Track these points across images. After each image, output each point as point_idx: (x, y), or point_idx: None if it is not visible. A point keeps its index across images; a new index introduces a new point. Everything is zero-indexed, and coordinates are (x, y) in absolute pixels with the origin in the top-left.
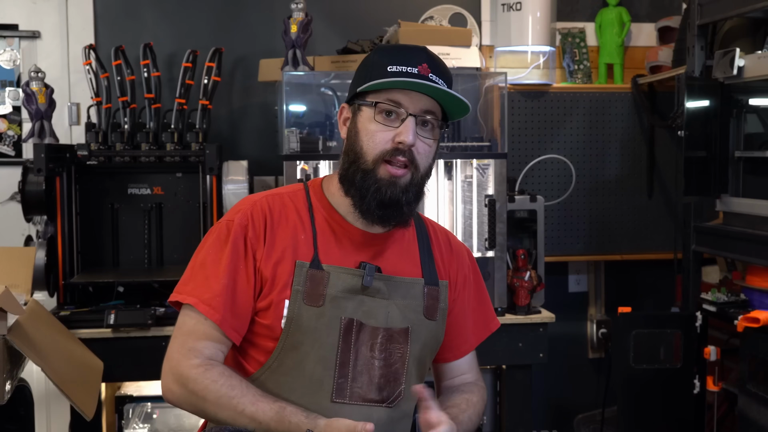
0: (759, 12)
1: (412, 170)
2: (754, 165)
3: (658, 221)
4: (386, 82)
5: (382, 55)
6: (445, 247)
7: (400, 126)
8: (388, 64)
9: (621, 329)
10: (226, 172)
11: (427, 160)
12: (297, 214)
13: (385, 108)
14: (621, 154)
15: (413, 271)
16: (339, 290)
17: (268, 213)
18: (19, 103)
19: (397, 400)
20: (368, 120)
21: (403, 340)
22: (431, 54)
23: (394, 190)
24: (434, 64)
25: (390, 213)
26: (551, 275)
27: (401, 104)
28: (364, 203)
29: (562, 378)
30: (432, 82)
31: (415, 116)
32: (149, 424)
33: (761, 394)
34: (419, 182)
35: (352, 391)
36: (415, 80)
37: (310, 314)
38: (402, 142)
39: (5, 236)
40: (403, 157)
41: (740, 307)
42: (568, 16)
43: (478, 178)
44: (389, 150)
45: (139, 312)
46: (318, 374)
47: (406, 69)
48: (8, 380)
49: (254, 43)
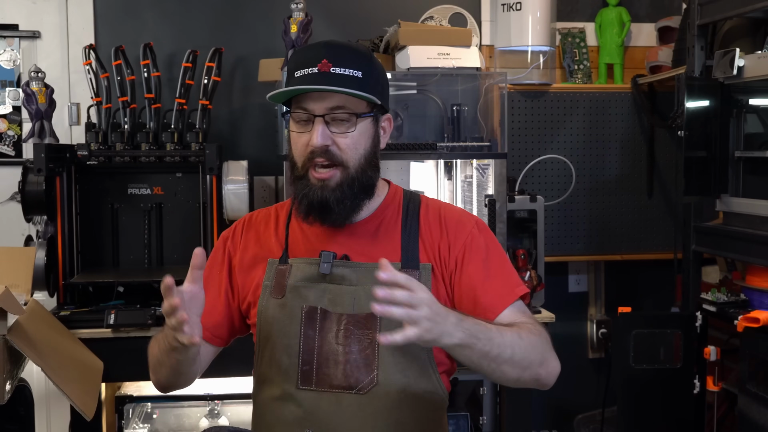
0: (759, 12)
1: (340, 168)
2: (754, 165)
3: (658, 221)
4: (280, 92)
5: (292, 61)
6: (435, 225)
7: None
8: (295, 69)
9: (621, 329)
10: (226, 172)
11: (355, 153)
12: (276, 221)
13: (297, 116)
14: (621, 154)
15: (391, 255)
16: (299, 280)
17: (248, 222)
18: (19, 103)
19: (370, 387)
20: (292, 128)
21: (371, 325)
22: (335, 45)
23: (321, 193)
24: (335, 56)
25: (322, 214)
26: (551, 275)
27: (307, 109)
28: (299, 209)
29: (562, 378)
30: (332, 78)
31: (323, 116)
32: (149, 424)
33: (761, 394)
34: (353, 177)
35: (319, 377)
36: (304, 86)
37: (274, 305)
38: (310, 144)
39: (5, 236)
40: (322, 158)
41: (740, 307)
42: (568, 16)
43: (478, 178)
44: (308, 155)
45: (139, 312)
46: (285, 363)
47: (308, 71)
48: (8, 380)
49: (254, 43)
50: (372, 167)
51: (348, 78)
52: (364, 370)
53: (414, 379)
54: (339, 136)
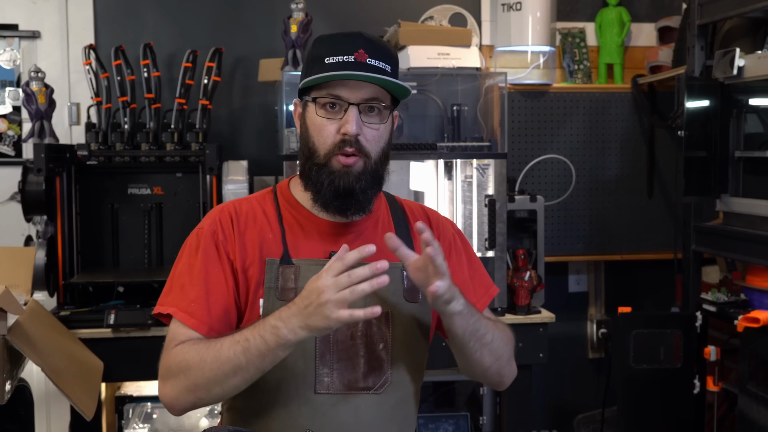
0: (759, 12)
1: (363, 158)
2: (754, 165)
3: (658, 221)
4: (320, 77)
5: (320, 47)
6: (424, 221)
7: (343, 116)
8: (326, 56)
9: (621, 329)
10: (226, 172)
11: (377, 145)
12: (264, 215)
13: (327, 101)
14: (621, 154)
15: (392, 254)
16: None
17: (235, 216)
18: (19, 103)
19: (385, 386)
20: (314, 115)
21: (383, 325)
22: (368, 38)
23: (347, 180)
24: (372, 48)
25: (346, 202)
26: (551, 275)
27: (341, 96)
28: (320, 196)
29: (562, 378)
30: (368, 68)
31: (357, 105)
32: (149, 424)
33: (761, 394)
34: (373, 168)
35: (336, 381)
36: (349, 72)
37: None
38: (346, 133)
39: (5, 236)
40: (351, 147)
41: (740, 307)
42: (568, 16)
43: (478, 178)
44: (337, 143)
45: (139, 312)
46: (300, 367)
47: (343, 58)
48: (8, 380)
49: (254, 43)
50: (386, 161)
51: (381, 70)
52: (379, 369)
53: (415, 375)
54: (368, 126)
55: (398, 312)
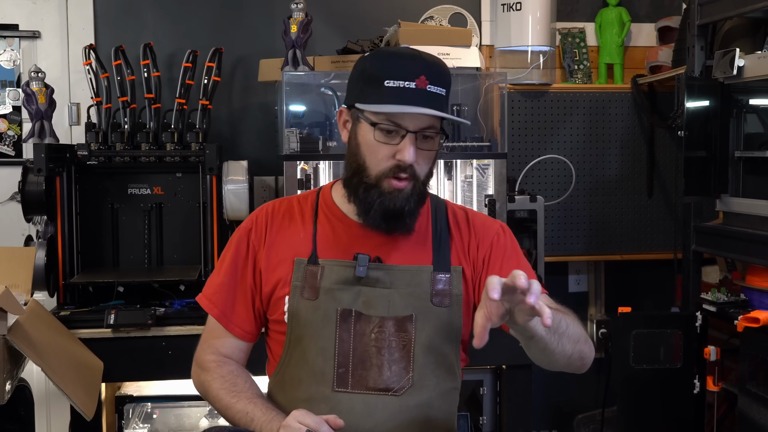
0: (759, 12)
1: (413, 181)
2: (754, 165)
3: (658, 221)
4: (386, 109)
5: (379, 66)
6: (464, 227)
7: (399, 143)
8: (385, 78)
9: (621, 329)
10: (226, 172)
11: (427, 167)
12: (301, 215)
13: (385, 128)
14: (621, 154)
15: (423, 258)
16: (333, 282)
17: (271, 215)
18: (19, 103)
19: (406, 389)
20: (368, 133)
21: (407, 327)
22: (429, 60)
23: (397, 201)
24: (432, 73)
25: (394, 223)
26: (551, 275)
27: (401, 125)
28: (369, 216)
29: (562, 378)
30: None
31: (415, 133)
32: (149, 424)
33: (761, 394)
34: (420, 189)
35: (355, 380)
36: (418, 110)
37: (307, 307)
38: (402, 160)
39: (5, 236)
40: (405, 173)
41: (740, 307)
42: (568, 16)
43: (478, 178)
44: (391, 167)
45: (139, 312)
46: (319, 365)
47: (404, 84)
48: (8, 380)
49: (254, 43)
50: (431, 177)
51: (439, 96)
52: (399, 372)
53: (443, 378)
54: (422, 152)
55: (423, 315)
